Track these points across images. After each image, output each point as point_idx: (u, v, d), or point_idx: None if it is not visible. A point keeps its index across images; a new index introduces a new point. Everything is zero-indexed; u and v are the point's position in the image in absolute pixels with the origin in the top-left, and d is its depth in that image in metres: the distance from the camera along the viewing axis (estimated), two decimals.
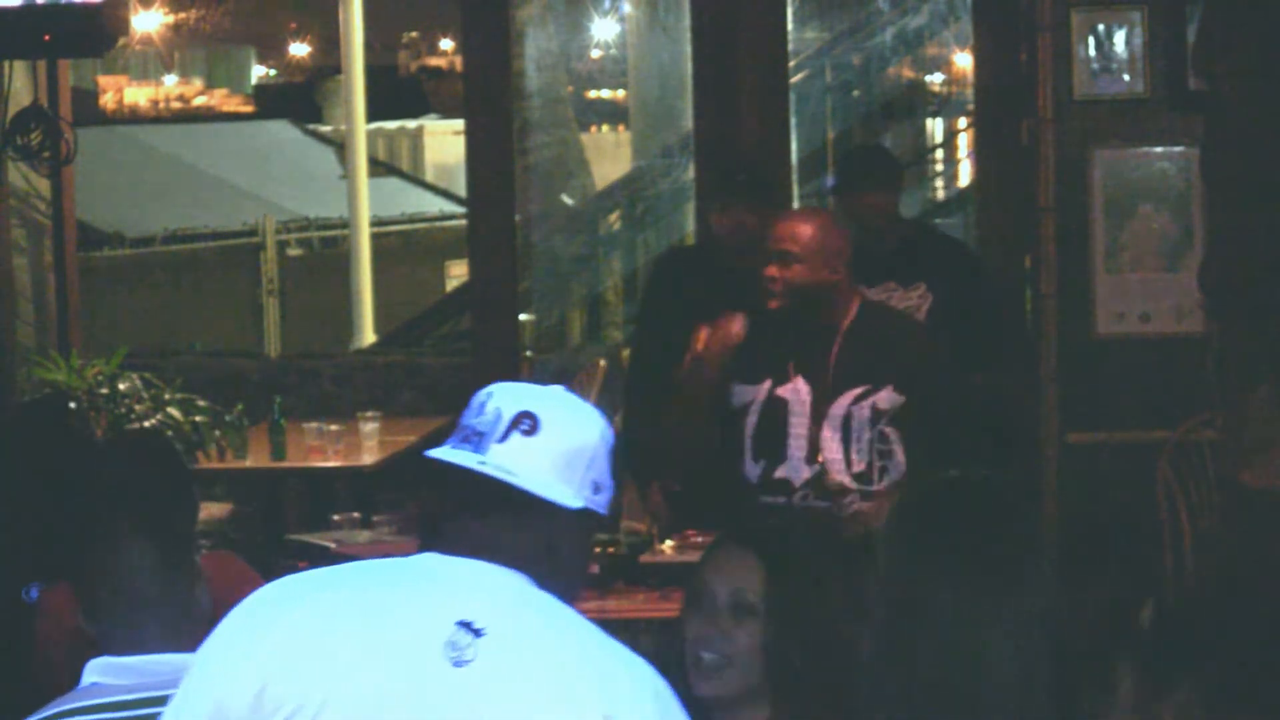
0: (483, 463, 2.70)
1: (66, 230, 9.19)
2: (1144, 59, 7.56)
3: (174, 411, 8.59)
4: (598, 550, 6.31)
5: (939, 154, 15.20)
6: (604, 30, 14.72)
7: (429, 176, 24.90)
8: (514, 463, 2.70)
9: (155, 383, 8.71)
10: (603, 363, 9.47)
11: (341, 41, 15.72)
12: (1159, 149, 7.59)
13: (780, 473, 5.55)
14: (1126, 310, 7.61)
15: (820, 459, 5.52)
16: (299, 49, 35.52)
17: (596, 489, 2.75)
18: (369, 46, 17.30)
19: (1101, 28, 7.59)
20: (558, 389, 2.83)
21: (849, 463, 5.50)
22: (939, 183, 14.77)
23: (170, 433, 8.44)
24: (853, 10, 13.15)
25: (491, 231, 8.08)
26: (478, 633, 2.54)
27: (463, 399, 2.85)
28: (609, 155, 17.00)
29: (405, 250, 20.63)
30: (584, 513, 2.73)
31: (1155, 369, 7.54)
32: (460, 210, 18.29)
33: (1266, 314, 5.89)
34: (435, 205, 22.34)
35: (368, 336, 15.10)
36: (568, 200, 13.26)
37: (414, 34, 35.92)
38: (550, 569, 2.68)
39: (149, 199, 20.11)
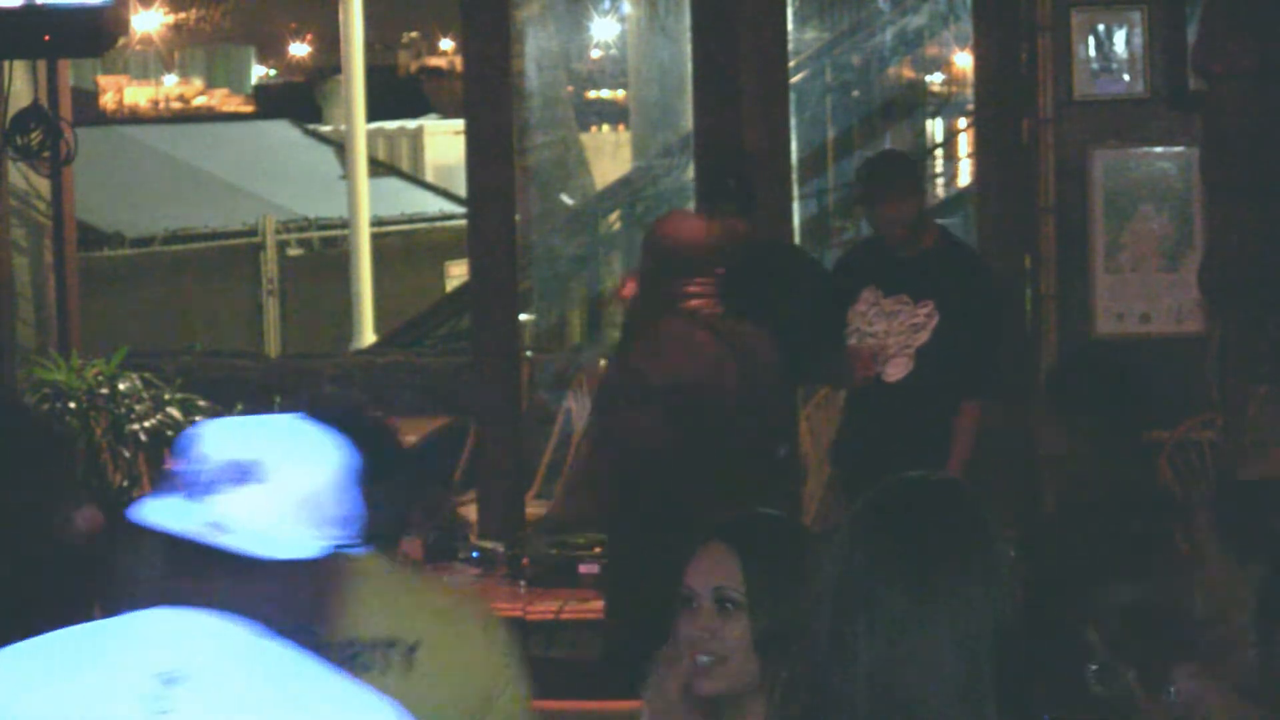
0: (199, 522, 2.41)
1: (66, 230, 9.20)
2: (1144, 59, 7.56)
3: (174, 411, 8.59)
4: (597, 550, 6.31)
5: (939, 154, 15.19)
6: (604, 30, 14.72)
7: (429, 176, 24.89)
8: (236, 519, 2.40)
9: (155, 383, 8.72)
10: (603, 362, 9.46)
11: (341, 41, 15.73)
12: (1159, 149, 7.59)
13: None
14: (1126, 310, 7.61)
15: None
16: (299, 49, 35.52)
17: (344, 523, 2.47)
18: (369, 46, 17.31)
19: (1101, 28, 7.59)
20: (284, 420, 2.51)
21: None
22: (939, 183, 14.76)
23: (170, 433, 8.45)
24: (853, 10, 13.14)
25: (491, 231, 8.07)
26: (177, 681, 2.37)
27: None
28: (609, 155, 17.00)
29: (405, 250, 20.62)
30: (329, 555, 2.46)
31: (1155, 369, 7.53)
32: (460, 210, 18.26)
33: (1266, 314, 5.90)
34: (435, 205, 22.32)
35: (368, 336, 15.10)
36: (568, 200, 13.26)
37: (414, 34, 35.93)
38: (289, 617, 2.45)
39: (149, 199, 20.09)
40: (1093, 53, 7.59)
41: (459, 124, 11.74)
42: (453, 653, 3.70)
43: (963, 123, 14.62)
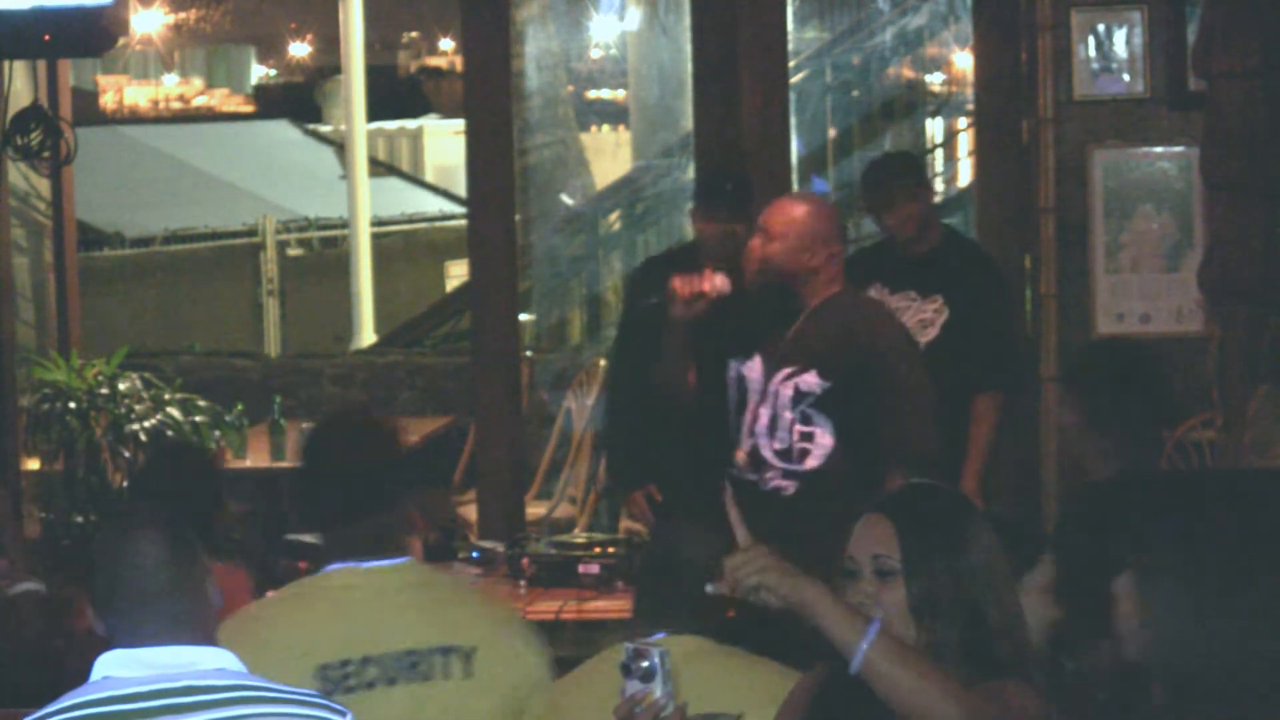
0: None
1: (66, 230, 9.20)
2: (1144, 59, 7.56)
3: (174, 411, 8.59)
4: (597, 550, 6.31)
5: (939, 154, 15.19)
6: (604, 30, 14.71)
7: (429, 176, 24.93)
8: None
9: (155, 383, 8.72)
10: (603, 362, 9.47)
11: (341, 41, 15.73)
12: (1159, 149, 7.59)
13: (740, 448, 5.82)
14: (1126, 310, 7.61)
15: (752, 434, 5.80)
16: (299, 49, 35.50)
17: None
18: (369, 46, 17.30)
19: (1101, 28, 7.59)
20: None
21: (772, 439, 5.75)
22: (939, 183, 14.77)
23: (170, 433, 8.45)
24: (853, 10, 13.15)
25: (491, 231, 8.07)
26: None
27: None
28: (609, 155, 17.02)
29: (405, 250, 20.64)
30: None
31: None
32: (460, 210, 18.28)
33: (1266, 314, 5.90)
34: (435, 205, 22.36)
35: (368, 336, 15.10)
36: (568, 200, 13.25)
37: (414, 34, 35.92)
38: None
39: (149, 199, 20.13)
40: (1093, 53, 7.59)
41: (459, 124, 11.74)
42: (506, 658, 3.96)
43: (963, 123, 14.62)
